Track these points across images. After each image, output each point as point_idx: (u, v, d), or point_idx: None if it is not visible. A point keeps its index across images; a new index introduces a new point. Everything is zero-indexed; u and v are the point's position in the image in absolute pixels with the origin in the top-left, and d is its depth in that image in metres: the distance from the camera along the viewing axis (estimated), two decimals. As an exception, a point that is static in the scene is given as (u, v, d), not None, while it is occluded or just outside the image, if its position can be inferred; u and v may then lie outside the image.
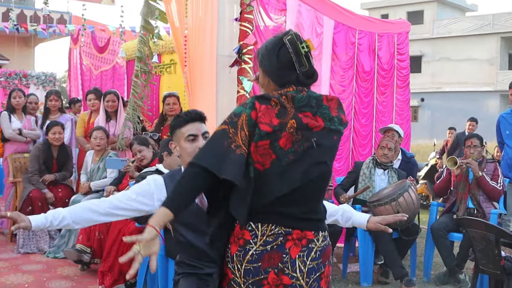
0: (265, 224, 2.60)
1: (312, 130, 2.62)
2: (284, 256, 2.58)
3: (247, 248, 2.60)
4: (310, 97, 2.67)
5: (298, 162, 2.60)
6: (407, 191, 6.16)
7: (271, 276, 2.58)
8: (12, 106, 8.29)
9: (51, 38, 20.38)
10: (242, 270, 2.60)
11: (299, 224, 2.62)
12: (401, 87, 8.72)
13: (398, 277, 6.20)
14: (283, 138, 2.58)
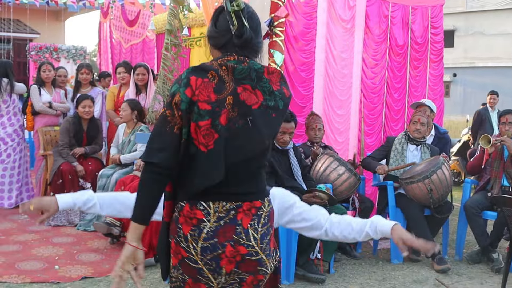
0: (217, 202, 2.55)
1: (251, 108, 2.51)
2: (237, 228, 2.55)
3: (201, 226, 2.54)
4: (251, 69, 2.54)
5: (234, 140, 2.51)
6: (441, 168, 6.06)
7: (228, 249, 2.54)
8: (41, 79, 8.30)
9: (81, 11, 20.38)
10: (199, 248, 2.54)
11: (247, 197, 2.60)
12: (434, 61, 8.56)
13: (429, 255, 6.11)
14: (224, 115, 2.47)
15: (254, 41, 2.61)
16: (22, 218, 7.65)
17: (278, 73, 2.63)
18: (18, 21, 20.72)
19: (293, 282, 5.47)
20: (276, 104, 2.57)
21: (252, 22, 2.63)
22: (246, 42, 2.58)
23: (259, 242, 2.60)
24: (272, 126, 2.61)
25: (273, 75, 2.60)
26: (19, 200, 8.26)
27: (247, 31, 2.57)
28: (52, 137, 8.16)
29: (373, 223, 2.99)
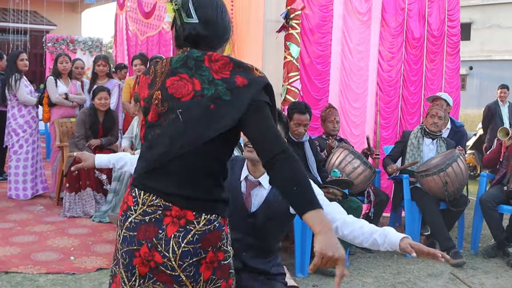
0: (147, 193, 2.41)
1: (180, 100, 2.38)
2: (160, 232, 2.37)
3: (128, 214, 2.44)
4: (188, 57, 2.43)
5: (164, 136, 2.40)
6: (456, 161, 6.04)
7: (143, 249, 2.38)
8: (58, 71, 8.32)
9: (97, 3, 20.44)
10: (121, 236, 2.45)
11: (179, 201, 2.38)
12: (451, 54, 8.50)
13: (445, 249, 6.10)
14: (151, 112, 2.44)
15: (208, 33, 2.48)
16: (38, 209, 7.70)
17: (225, 61, 2.40)
18: (35, 13, 20.80)
19: (307, 275, 5.47)
20: (215, 93, 2.34)
21: (204, 10, 2.48)
22: (189, 38, 2.48)
23: (178, 257, 2.35)
24: (212, 119, 2.35)
25: (216, 63, 2.39)
26: (34, 191, 8.32)
27: (181, 28, 2.47)
28: (68, 128, 8.19)
29: (384, 231, 2.88)
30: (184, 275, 2.36)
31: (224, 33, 2.54)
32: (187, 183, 2.38)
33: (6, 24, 18.52)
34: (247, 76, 2.37)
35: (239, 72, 2.38)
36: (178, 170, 2.38)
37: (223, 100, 2.33)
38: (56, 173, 8.23)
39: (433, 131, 6.58)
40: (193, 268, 2.37)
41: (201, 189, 2.40)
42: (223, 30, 2.53)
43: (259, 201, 3.30)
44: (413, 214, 6.35)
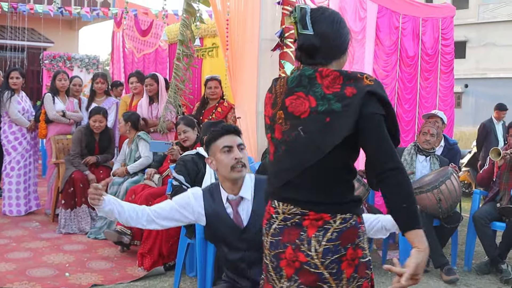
0: (285, 203, 2.63)
1: (299, 118, 2.57)
2: (301, 234, 2.57)
3: (271, 222, 2.67)
4: (301, 76, 2.60)
5: (289, 152, 2.60)
6: (449, 178, 6.08)
7: (289, 251, 2.59)
8: (56, 88, 8.35)
9: (94, 21, 20.53)
10: (268, 242, 2.68)
11: (313, 207, 2.57)
12: (445, 72, 8.59)
13: (438, 266, 6.13)
14: (276, 130, 2.66)
15: (322, 44, 2.61)
16: (34, 225, 7.73)
17: (335, 76, 2.53)
18: (32, 30, 20.87)
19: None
20: (329, 107, 2.50)
21: (320, 25, 2.62)
22: (308, 50, 2.62)
23: (320, 255, 2.53)
24: (329, 131, 2.51)
25: (327, 79, 2.54)
26: (28, 208, 8.34)
27: (300, 39, 2.63)
28: (64, 145, 8.23)
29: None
30: (327, 272, 2.53)
31: (340, 45, 2.66)
32: (319, 191, 2.58)
33: (4, 41, 18.57)
34: (356, 85, 2.50)
35: (349, 84, 2.51)
36: (309, 180, 2.57)
37: (336, 112, 2.48)
38: (52, 189, 8.25)
39: (425, 148, 6.63)
40: (335, 265, 2.54)
41: (333, 195, 2.58)
42: (339, 43, 2.65)
43: (247, 214, 3.40)
44: (407, 231, 6.37)
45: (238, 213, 3.42)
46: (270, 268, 2.68)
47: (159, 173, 6.76)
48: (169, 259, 5.90)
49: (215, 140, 3.47)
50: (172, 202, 3.48)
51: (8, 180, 8.21)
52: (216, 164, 3.47)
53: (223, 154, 3.42)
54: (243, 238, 3.37)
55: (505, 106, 11.61)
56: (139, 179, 7.04)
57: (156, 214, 3.37)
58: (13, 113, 8.21)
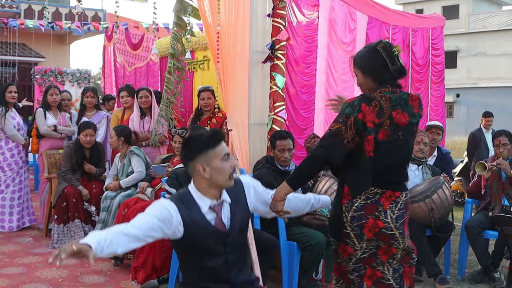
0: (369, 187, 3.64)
1: (400, 126, 3.60)
2: (379, 207, 3.59)
3: (354, 201, 3.64)
4: (401, 98, 3.63)
5: (391, 150, 3.61)
6: (441, 187, 6.10)
7: (370, 221, 3.59)
8: (48, 103, 8.32)
9: (85, 35, 20.51)
10: (349, 216, 3.63)
11: (391, 187, 3.64)
12: (436, 82, 8.64)
13: (431, 275, 6.13)
14: (380, 133, 3.56)
15: (406, 72, 3.79)
16: (27, 240, 7.70)
17: (417, 101, 3.73)
18: (23, 45, 20.88)
19: (295, 303, 5.49)
20: (416, 121, 3.74)
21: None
22: (404, 74, 3.73)
23: (394, 220, 3.61)
24: (413, 136, 3.84)
25: (415, 102, 3.70)
26: (20, 224, 8.31)
27: (404, 67, 3.72)
28: (56, 160, 8.21)
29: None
30: (398, 233, 3.62)
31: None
32: (399, 176, 3.76)
33: (-5, 56, 18.60)
34: (422, 109, 3.82)
35: (421, 107, 3.78)
36: (396, 170, 3.73)
37: (418, 123, 3.82)
38: (44, 204, 8.23)
39: (419, 157, 6.65)
40: (401, 226, 3.64)
41: (404, 176, 3.81)
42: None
43: (228, 217, 3.36)
44: (400, 241, 6.38)
45: (220, 218, 3.34)
46: (352, 234, 3.64)
47: (152, 186, 6.76)
48: (163, 272, 5.89)
49: (214, 147, 3.30)
50: (152, 216, 3.17)
51: (2, 196, 8.18)
52: (211, 172, 3.28)
53: (224, 162, 3.30)
54: (227, 241, 3.31)
55: (490, 113, 11.68)
56: (131, 192, 7.03)
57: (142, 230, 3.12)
58: (9, 129, 8.18)
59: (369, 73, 3.70)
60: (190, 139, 3.37)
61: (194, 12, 7.45)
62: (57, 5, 20.78)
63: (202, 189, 3.33)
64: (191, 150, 3.33)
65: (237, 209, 3.42)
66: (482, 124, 11.65)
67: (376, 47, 3.66)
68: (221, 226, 3.32)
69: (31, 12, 19.69)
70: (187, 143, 3.37)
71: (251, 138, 6.71)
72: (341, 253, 3.75)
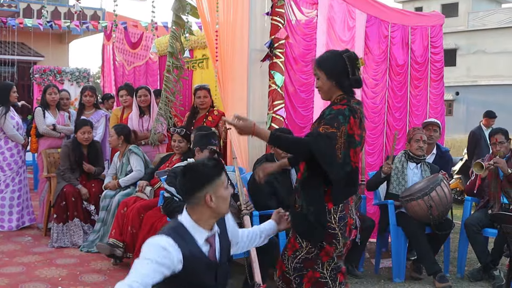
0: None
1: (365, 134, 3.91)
2: (349, 206, 3.83)
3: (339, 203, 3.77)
4: (361, 106, 3.86)
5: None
6: (440, 185, 6.10)
7: (349, 219, 3.78)
8: (46, 102, 8.32)
9: (84, 34, 20.51)
10: (337, 218, 3.72)
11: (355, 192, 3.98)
12: (435, 80, 8.62)
13: (431, 273, 6.14)
14: (362, 145, 3.81)
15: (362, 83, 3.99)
16: (26, 240, 7.70)
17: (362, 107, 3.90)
18: (22, 44, 20.86)
19: (295, 301, 5.48)
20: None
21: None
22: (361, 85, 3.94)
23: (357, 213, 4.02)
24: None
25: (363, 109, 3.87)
26: (20, 223, 8.30)
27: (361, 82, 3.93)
28: (55, 159, 8.20)
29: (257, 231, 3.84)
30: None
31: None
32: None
33: (-6, 56, 18.57)
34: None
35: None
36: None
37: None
38: (43, 203, 8.22)
39: (418, 155, 6.64)
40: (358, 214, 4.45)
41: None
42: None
43: (218, 248, 3.26)
44: (399, 239, 6.39)
45: (214, 249, 3.23)
46: (339, 234, 3.74)
47: (151, 185, 6.76)
48: None
49: (219, 175, 3.19)
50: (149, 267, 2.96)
51: (1, 196, 8.16)
52: (217, 201, 3.15)
53: (226, 190, 3.21)
54: (218, 273, 3.22)
55: (494, 114, 11.61)
56: (131, 191, 7.03)
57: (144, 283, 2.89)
58: (10, 129, 8.17)
59: (333, 78, 3.79)
60: (195, 167, 3.18)
61: (193, 11, 7.45)
62: (56, 4, 20.75)
63: (201, 220, 3.16)
64: (199, 180, 3.13)
65: (223, 238, 3.32)
66: (482, 123, 11.62)
67: (342, 54, 3.80)
68: (213, 257, 3.21)
69: (30, 11, 19.66)
70: (192, 172, 3.16)
71: (250, 137, 6.68)
72: (322, 256, 3.79)
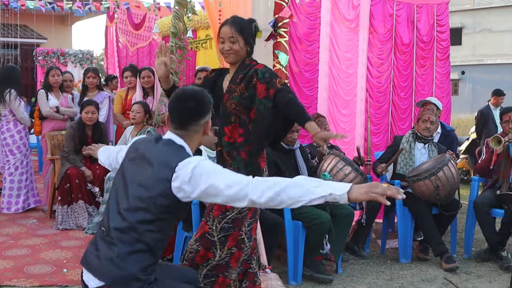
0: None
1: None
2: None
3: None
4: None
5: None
6: (447, 165, 6.04)
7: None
8: (49, 84, 8.30)
9: (87, 16, 20.43)
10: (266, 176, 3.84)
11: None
12: (441, 59, 8.53)
13: (437, 254, 6.10)
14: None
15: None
16: (31, 222, 7.68)
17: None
18: (25, 27, 20.81)
19: (300, 283, 5.46)
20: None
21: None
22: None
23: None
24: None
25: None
26: (26, 205, 8.29)
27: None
28: (59, 141, 8.17)
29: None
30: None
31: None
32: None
33: (-4, 38, 18.53)
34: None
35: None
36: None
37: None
38: (48, 186, 8.21)
39: (425, 135, 6.57)
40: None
41: None
42: None
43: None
44: (406, 219, 6.34)
45: None
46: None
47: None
48: (166, 253, 5.86)
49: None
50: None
51: (10, 178, 8.15)
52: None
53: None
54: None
55: (503, 92, 11.55)
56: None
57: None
58: (20, 111, 8.15)
59: (249, 44, 4.07)
60: (202, 93, 3.18)
61: (196, -10, 7.38)
62: (58, -15, 20.67)
63: (192, 150, 3.15)
64: (207, 106, 3.17)
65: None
66: (491, 102, 11.54)
67: (252, 23, 4.10)
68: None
69: (31, -8, 19.59)
70: (200, 98, 3.15)
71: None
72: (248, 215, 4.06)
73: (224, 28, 4.08)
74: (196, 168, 2.85)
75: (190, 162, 2.88)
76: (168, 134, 3.11)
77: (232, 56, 4.06)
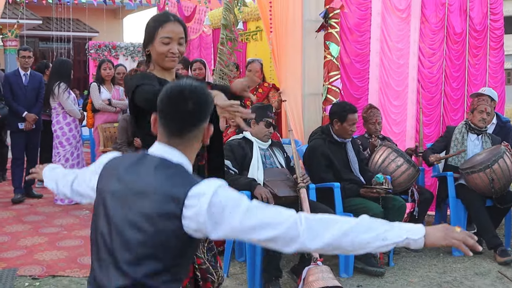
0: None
1: None
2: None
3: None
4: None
5: None
6: (502, 157, 5.93)
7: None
8: (101, 77, 8.43)
9: (138, 9, 20.64)
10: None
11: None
12: (494, 48, 8.36)
13: (491, 247, 6.00)
14: None
15: None
16: (84, 213, 7.81)
17: None
18: (77, 21, 21.12)
19: (352, 275, 5.44)
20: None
21: None
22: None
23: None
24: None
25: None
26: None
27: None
28: (112, 133, 8.28)
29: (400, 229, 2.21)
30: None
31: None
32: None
33: (50, 32, 18.84)
34: None
35: None
36: None
37: None
38: (101, 178, 8.30)
39: (480, 126, 6.45)
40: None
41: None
42: None
43: None
44: (459, 212, 6.26)
45: None
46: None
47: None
48: (218, 245, 5.89)
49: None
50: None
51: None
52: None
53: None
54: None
55: None
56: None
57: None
58: (69, 104, 8.27)
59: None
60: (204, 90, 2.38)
61: (246, -18, 7.39)
62: (109, -21, 20.93)
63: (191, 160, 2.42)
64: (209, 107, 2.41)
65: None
66: None
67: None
68: None
69: (84, -13, 19.89)
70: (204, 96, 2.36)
71: (305, 108, 6.66)
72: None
73: (172, 25, 3.31)
74: (214, 199, 2.14)
75: (203, 192, 2.15)
76: (158, 148, 2.37)
77: (176, 60, 3.38)
